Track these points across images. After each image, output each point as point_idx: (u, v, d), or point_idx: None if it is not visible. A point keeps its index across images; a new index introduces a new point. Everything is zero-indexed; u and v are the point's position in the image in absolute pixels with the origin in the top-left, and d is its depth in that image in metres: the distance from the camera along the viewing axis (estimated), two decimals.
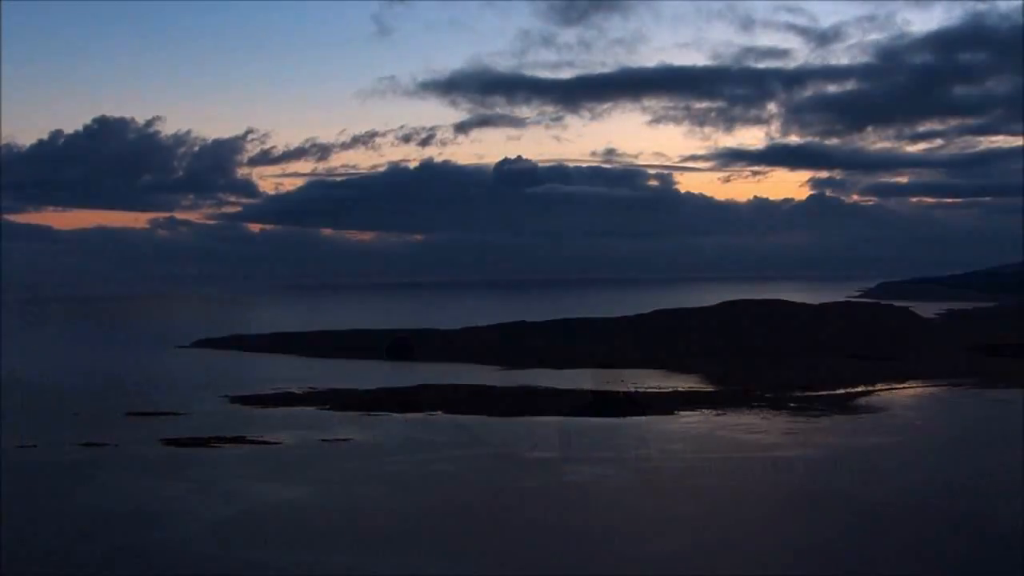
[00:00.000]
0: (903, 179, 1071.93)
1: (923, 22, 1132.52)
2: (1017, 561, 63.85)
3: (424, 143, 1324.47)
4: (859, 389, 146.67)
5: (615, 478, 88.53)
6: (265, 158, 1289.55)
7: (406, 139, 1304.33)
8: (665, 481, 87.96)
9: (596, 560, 63.70)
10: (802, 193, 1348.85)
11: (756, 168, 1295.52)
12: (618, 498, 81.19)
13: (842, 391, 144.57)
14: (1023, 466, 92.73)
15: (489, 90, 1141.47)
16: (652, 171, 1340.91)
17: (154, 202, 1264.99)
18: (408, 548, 66.34)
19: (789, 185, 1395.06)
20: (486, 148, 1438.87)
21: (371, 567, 62.27)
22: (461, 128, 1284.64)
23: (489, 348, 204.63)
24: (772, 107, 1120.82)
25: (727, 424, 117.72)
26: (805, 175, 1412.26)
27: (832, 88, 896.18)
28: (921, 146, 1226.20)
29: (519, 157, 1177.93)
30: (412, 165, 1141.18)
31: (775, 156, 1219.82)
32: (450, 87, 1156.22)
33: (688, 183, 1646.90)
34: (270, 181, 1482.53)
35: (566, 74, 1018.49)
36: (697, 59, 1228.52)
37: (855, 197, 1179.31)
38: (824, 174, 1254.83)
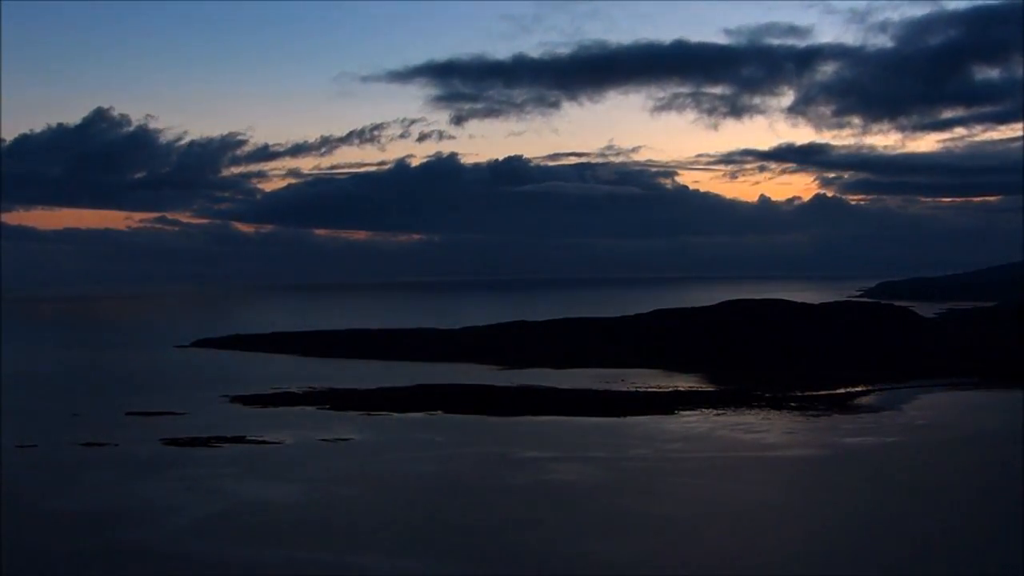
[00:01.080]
0: (904, 179, 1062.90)
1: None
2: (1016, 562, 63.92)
3: (421, 139, 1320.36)
4: (859, 389, 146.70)
5: (596, 476, 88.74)
6: (255, 156, 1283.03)
7: (402, 136, 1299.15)
8: (647, 480, 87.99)
9: (549, 559, 64.19)
10: (806, 193, 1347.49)
11: (762, 164, 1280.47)
12: (592, 496, 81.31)
13: (842, 391, 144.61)
14: (1023, 465, 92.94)
15: (483, 76, 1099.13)
16: (654, 168, 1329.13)
17: (145, 201, 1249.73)
18: (377, 544, 67.53)
19: (793, 185, 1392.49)
20: (482, 143, 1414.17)
21: (341, 562, 63.36)
22: (457, 120, 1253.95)
23: (489, 348, 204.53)
24: (784, 89, 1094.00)
25: (727, 424, 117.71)
26: (809, 174, 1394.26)
27: (848, 70, 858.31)
28: (932, 139, 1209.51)
29: (520, 157, 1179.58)
30: (413, 163, 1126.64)
31: (780, 155, 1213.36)
32: (443, 74, 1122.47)
33: (691, 181, 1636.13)
34: (261, 179, 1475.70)
35: (563, 59, 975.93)
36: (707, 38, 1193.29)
37: (857, 197, 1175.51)
38: (831, 174, 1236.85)
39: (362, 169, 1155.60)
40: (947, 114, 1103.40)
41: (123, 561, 64.36)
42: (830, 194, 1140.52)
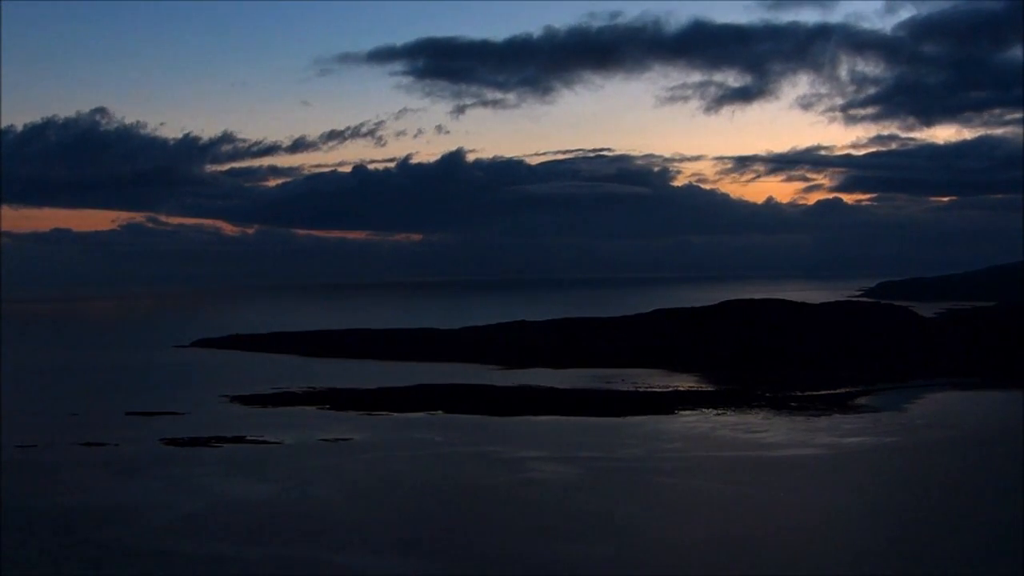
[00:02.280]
0: (907, 176, 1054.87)
1: None
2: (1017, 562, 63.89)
3: (417, 135, 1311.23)
4: (859, 389, 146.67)
5: (571, 476, 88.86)
6: (249, 154, 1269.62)
7: (399, 134, 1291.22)
8: (625, 479, 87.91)
9: (511, 559, 64.30)
10: (808, 192, 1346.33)
11: (765, 162, 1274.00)
12: (558, 496, 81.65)
13: (842, 391, 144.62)
14: (1022, 465, 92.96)
15: (479, 62, 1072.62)
16: (655, 167, 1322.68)
17: (135, 200, 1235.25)
18: (345, 541, 68.33)
19: (793, 184, 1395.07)
20: (482, 140, 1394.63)
21: (318, 559, 64.26)
22: (455, 113, 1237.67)
23: (489, 348, 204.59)
24: (795, 78, 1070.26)
25: (726, 423, 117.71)
26: (811, 173, 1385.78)
27: (864, 55, 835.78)
28: (948, 130, 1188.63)
29: (520, 157, 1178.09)
30: (413, 160, 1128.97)
31: (783, 154, 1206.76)
32: (439, 60, 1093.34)
33: (695, 178, 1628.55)
34: (255, 178, 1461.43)
35: (564, 46, 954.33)
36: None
37: (857, 196, 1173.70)
38: (834, 171, 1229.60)
39: (359, 167, 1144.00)
40: (972, 96, 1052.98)
41: (111, 559, 64.81)
42: (831, 194, 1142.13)
